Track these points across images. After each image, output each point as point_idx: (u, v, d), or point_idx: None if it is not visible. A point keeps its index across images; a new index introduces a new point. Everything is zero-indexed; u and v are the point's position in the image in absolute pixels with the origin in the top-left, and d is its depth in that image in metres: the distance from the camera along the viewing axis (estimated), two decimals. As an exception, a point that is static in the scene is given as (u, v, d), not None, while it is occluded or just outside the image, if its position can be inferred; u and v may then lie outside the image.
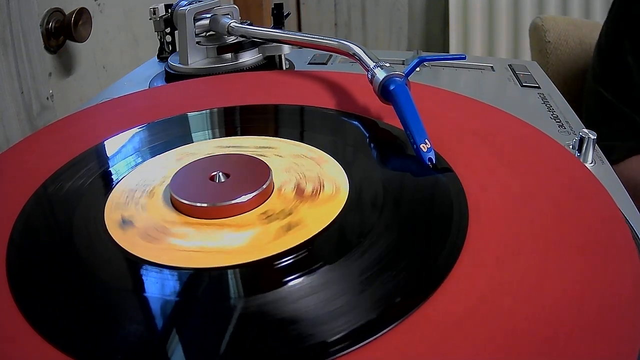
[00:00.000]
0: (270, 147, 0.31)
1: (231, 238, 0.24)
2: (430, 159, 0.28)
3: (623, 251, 0.22)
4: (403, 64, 0.53)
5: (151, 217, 0.26)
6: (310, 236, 0.23)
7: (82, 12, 0.59)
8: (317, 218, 0.25)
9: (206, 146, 0.32)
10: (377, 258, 0.22)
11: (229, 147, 0.32)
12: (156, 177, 0.29)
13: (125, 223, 0.25)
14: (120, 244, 0.24)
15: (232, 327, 0.19)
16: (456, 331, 0.18)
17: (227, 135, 0.34)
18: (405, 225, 0.24)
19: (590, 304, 0.19)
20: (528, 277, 0.21)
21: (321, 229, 0.24)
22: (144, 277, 0.22)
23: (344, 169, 0.29)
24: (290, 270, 0.22)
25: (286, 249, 0.23)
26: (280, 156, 0.30)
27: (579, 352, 0.17)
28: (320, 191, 0.27)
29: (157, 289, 0.21)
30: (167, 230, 0.25)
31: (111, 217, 0.26)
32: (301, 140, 0.32)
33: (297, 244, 0.23)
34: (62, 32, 0.59)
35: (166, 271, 0.22)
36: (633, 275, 0.20)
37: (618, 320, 0.18)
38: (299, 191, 0.27)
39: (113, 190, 0.28)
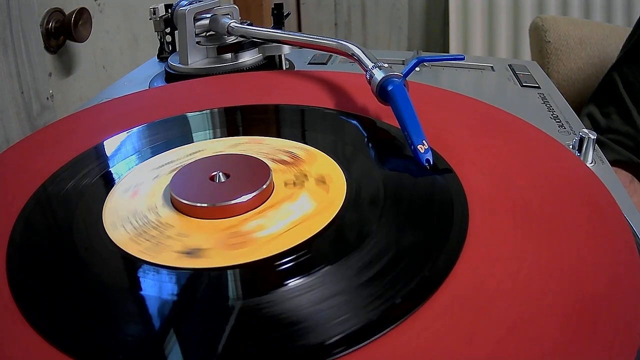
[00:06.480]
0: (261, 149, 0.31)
1: (231, 238, 0.24)
2: (427, 160, 0.28)
3: (624, 249, 0.22)
4: (403, 64, 0.53)
5: (151, 217, 0.26)
6: (310, 236, 0.23)
7: (82, 12, 0.59)
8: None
9: (207, 146, 0.32)
10: (376, 259, 0.22)
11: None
12: (156, 177, 0.29)
13: (125, 223, 0.25)
14: (119, 244, 0.24)
15: (231, 327, 0.19)
16: (455, 332, 0.18)
17: (228, 135, 0.34)
18: (405, 226, 0.24)
19: (591, 303, 0.19)
20: (528, 277, 0.21)
21: (320, 228, 0.24)
22: (143, 277, 0.22)
23: (342, 168, 0.29)
24: (290, 270, 0.22)
25: (285, 249, 0.23)
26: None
27: (580, 345, 0.17)
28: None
29: (157, 289, 0.21)
30: (167, 230, 0.25)
31: (111, 217, 0.26)
32: (303, 139, 0.32)
33: (296, 244, 0.23)
34: (62, 32, 0.59)
35: (165, 271, 0.22)
36: (633, 274, 0.20)
37: (617, 314, 0.18)
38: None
39: (113, 190, 0.28)
